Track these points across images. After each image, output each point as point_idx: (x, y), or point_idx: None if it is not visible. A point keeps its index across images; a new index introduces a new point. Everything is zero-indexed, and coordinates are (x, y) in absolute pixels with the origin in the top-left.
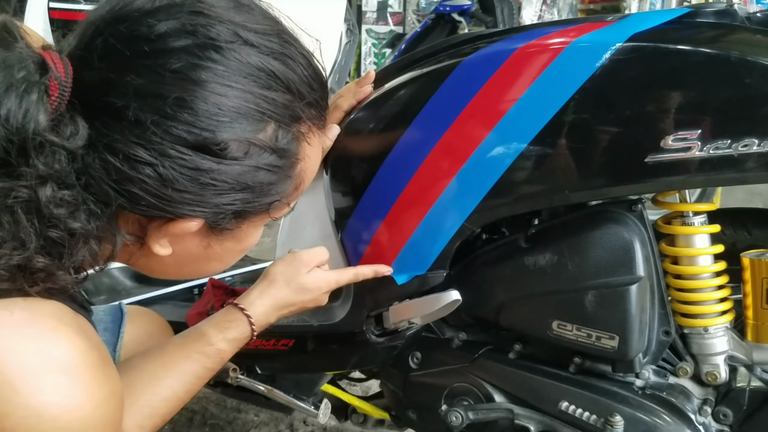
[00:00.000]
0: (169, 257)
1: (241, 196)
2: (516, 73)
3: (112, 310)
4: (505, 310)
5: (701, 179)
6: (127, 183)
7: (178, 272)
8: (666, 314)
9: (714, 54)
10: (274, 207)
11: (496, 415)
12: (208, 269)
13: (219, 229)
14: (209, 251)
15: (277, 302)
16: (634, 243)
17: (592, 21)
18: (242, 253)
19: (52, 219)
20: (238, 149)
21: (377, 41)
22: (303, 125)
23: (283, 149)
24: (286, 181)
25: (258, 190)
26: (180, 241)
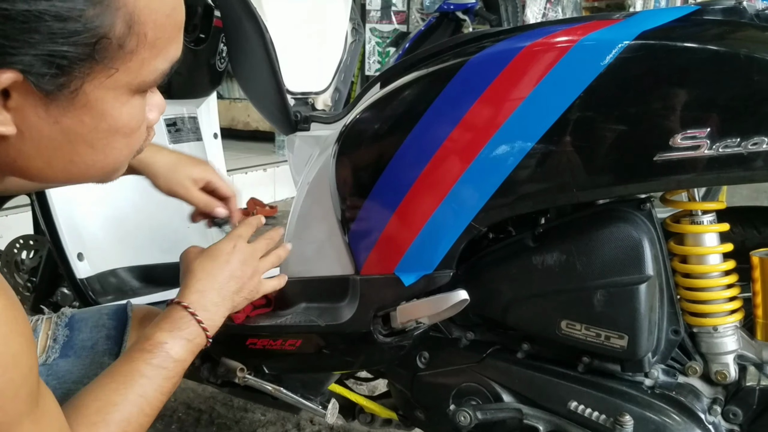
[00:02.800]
0: (23, 144)
1: (34, 26)
2: (523, 72)
3: (117, 313)
4: (512, 309)
5: (710, 178)
6: None
7: (48, 167)
8: (675, 313)
9: (722, 52)
10: (101, 50)
11: (505, 415)
12: (81, 159)
13: (50, 90)
14: (64, 129)
15: (212, 286)
16: (643, 242)
17: (599, 19)
18: (120, 136)
19: None
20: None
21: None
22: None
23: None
24: (99, 8)
25: (55, 17)
26: (22, 118)
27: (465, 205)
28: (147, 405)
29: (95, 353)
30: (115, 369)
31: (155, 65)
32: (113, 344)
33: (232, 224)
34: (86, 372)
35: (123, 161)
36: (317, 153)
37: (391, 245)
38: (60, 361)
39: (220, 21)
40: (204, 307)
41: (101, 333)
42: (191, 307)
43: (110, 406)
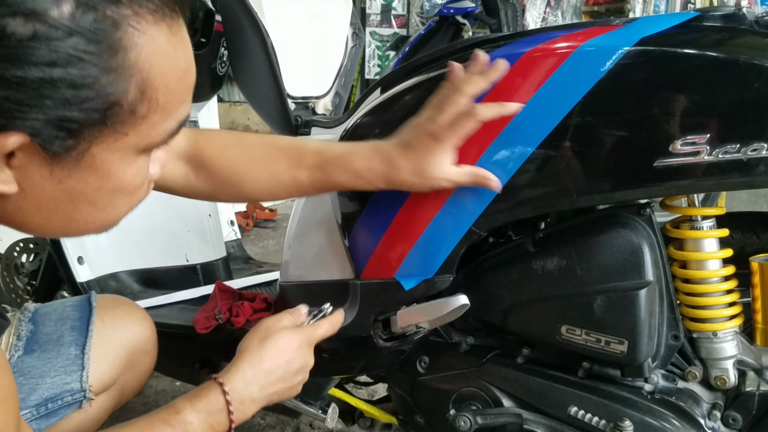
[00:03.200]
0: (24, 201)
1: (47, 93)
2: (523, 78)
3: (81, 304)
4: (512, 314)
5: (710, 183)
6: None
7: (47, 223)
8: (675, 318)
9: (722, 58)
10: (113, 116)
11: (505, 420)
12: (81, 217)
13: (57, 152)
14: (67, 189)
15: (262, 377)
16: (643, 247)
17: (599, 25)
18: (123, 195)
19: None
20: (20, 27)
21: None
22: (124, 7)
23: (90, 31)
24: (113, 75)
25: (69, 85)
26: (24, 176)
27: (465, 210)
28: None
29: (61, 345)
30: (132, 430)
31: (164, 126)
32: (78, 335)
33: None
34: (52, 365)
35: (122, 217)
36: None
37: (391, 250)
38: (25, 358)
39: (221, 25)
40: (241, 399)
41: (66, 325)
42: (229, 395)
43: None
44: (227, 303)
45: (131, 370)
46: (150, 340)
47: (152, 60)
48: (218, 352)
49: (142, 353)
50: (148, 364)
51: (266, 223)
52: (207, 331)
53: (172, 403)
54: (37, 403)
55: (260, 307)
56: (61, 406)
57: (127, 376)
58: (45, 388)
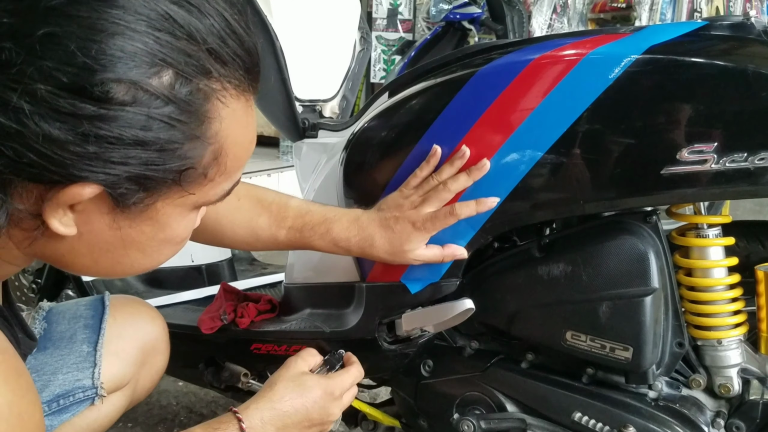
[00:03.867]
0: (78, 243)
1: (135, 153)
2: (531, 84)
3: (94, 303)
4: (518, 319)
5: (716, 192)
6: (4, 137)
7: (94, 264)
8: (680, 326)
9: (731, 67)
10: (187, 177)
11: (508, 425)
12: (129, 261)
13: (126, 203)
14: (123, 236)
15: (278, 419)
16: (649, 254)
17: (607, 33)
18: (171, 245)
19: None
20: (123, 93)
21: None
22: (214, 81)
23: (185, 101)
24: (196, 142)
25: (157, 148)
26: (85, 220)
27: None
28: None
29: (73, 343)
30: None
31: (223, 187)
32: (91, 333)
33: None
34: (64, 362)
35: (163, 263)
36: (324, 160)
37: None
38: (38, 355)
39: None
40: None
41: (79, 323)
42: (244, 424)
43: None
44: (232, 304)
45: (144, 369)
46: (162, 339)
47: (229, 130)
48: (222, 352)
49: (154, 352)
50: (161, 363)
51: None
52: (212, 332)
53: (189, 430)
54: (49, 400)
55: (265, 309)
56: (72, 403)
57: (140, 375)
58: (57, 385)
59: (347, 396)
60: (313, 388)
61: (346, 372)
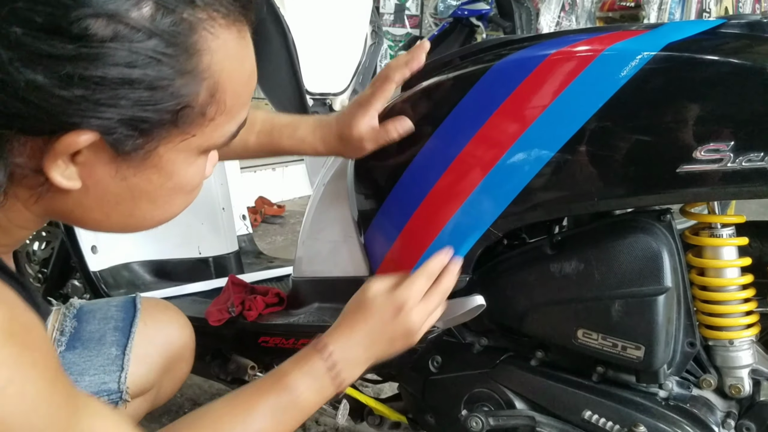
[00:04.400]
0: (85, 197)
1: (124, 92)
2: (547, 80)
3: (125, 305)
4: (528, 317)
5: (732, 191)
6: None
7: (106, 218)
8: (691, 326)
9: (748, 66)
10: (184, 117)
11: (517, 422)
12: (140, 213)
13: (125, 150)
14: (130, 186)
15: (358, 345)
16: (663, 253)
17: (623, 29)
18: (181, 194)
19: None
20: (102, 28)
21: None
22: (199, 11)
23: (169, 33)
24: (187, 78)
25: (146, 86)
26: (89, 173)
27: (484, 211)
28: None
29: (102, 345)
30: (239, 397)
31: (227, 128)
32: (121, 335)
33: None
34: (92, 363)
35: (177, 215)
36: None
37: (407, 248)
38: (66, 354)
39: None
40: (344, 361)
41: (109, 324)
42: (332, 357)
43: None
44: (240, 296)
45: (168, 375)
46: (189, 346)
47: (223, 64)
48: (229, 345)
49: (180, 359)
50: (185, 370)
51: (274, 219)
52: (219, 324)
53: (279, 366)
54: None
55: (273, 302)
56: None
57: (163, 381)
58: (83, 386)
59: (425, 303)
60: (381, 306)
61: (413, 279)
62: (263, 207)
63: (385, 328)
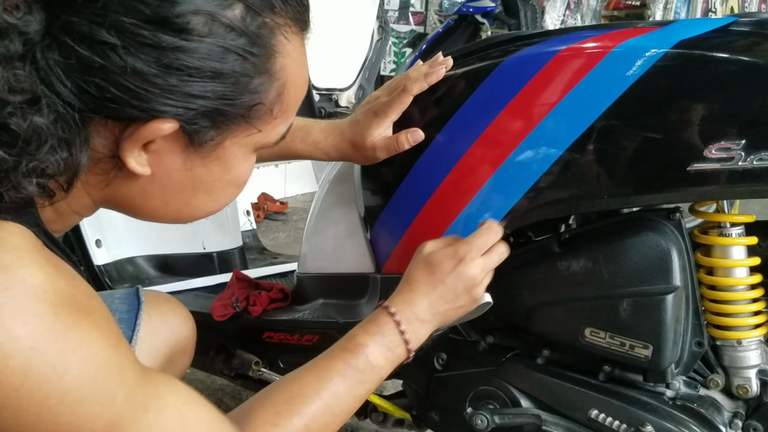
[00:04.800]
0: (151, 184)
1: (212, 86)
2: (557, 76)
3: (129, 297)
4: (535, 315)
5: (743, 190)
6: (88, 71)
7: (164, 206)
8: (699, 325)
9: (761, 64)
10: (256, 112)
11: (523, 421)
12: (196, 203)
13: (199, 141)
14: (193, 176)
15: (424, 302)
16: (672, 252)
17: (635, 26)
18: (234, 186)
19: (9, 107)
20: (201, 24)
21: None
22: (278, 16)
23: (255, 34)
24: (265, 76)
25: (231, 81)
26: (158, 161)
27: (492, 207)
28: (336, 405)
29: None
30: (313, 363)
31: (282, 128)
32: (126, 328)
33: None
34: None
35: (223, 207)
36: None
37: (414, 244)
38: None
39: None
40: (409, 320)
41: (114, 317)
42: (397, 316)
43: (299, 398)
44: (244, 292)
45: (170, 368)
46: (191, 339)
47: (292, 67)
48: (233, 340)
49: (182, 352)
50: (186, 362)
51: (277, 215)
52: (224, 319)
53: (348, 333)
54: None
55: (277, 297)
56: None
57: (166, 374)
58: None
59: (487, 256)
60: (442, 261)
61: (473, 234)
62: (266, 203)
63: (447, 281)
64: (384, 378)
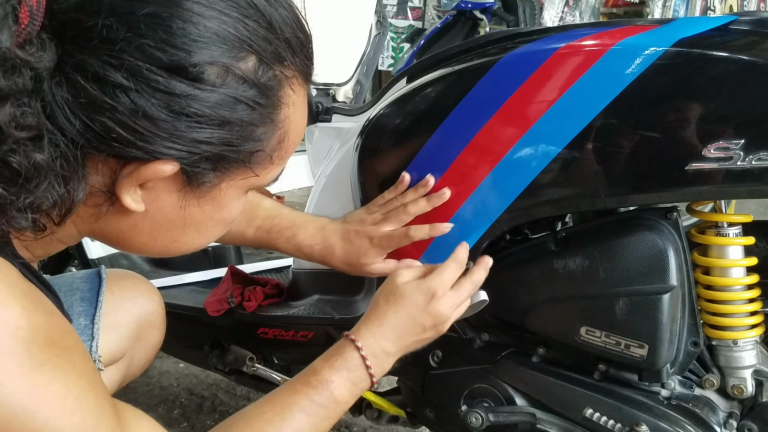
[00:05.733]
0: (143, 220)
1: (218, 134)
2: (556, 74)
3: (90, 276)
4: (531, 313)
5: (741, 189)
6: (96, 111)
7: (152, 242)
8: (695, 325)
9: (760, 63)
10: (256, 158)
11: (517, 419)
12: (184, 240)
13: (196, 181)
14: (186, 215)
15: (390, 332)
16: (669, 251)
17: (635, 24)
18: (222, 225)
19: (12, 142)
20: (215, 75)
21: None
22: (287, 69)
23: (265, 86)
24: (269, 126)
25: (237, 130)
26: (153, 198)
27: (490, 205)
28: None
29: (70, 315)
30: (275, 397)
31: (276, 172)
32: (88, 305)
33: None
34: None
35: (209, 243)
36: (338, 145)
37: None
38: None
39: None
40: (375, 354)
41: (75, 296)
42: (363, 351)
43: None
44: (239, 287)
45: (140, 343)
46: (158, 313)
47: (294, 116)
48: (228, 335)
49: (150, 326)
50: (157, 338)
51: None
52: (218, 314)
53: (310, 366)
54: None
55: (272, 293)
56: None
57: (135, 349)
58: None
59: (456, 292)
60: (412, 294)
61: (443, 267)
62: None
63: (416, 316)
64: (347, 410)
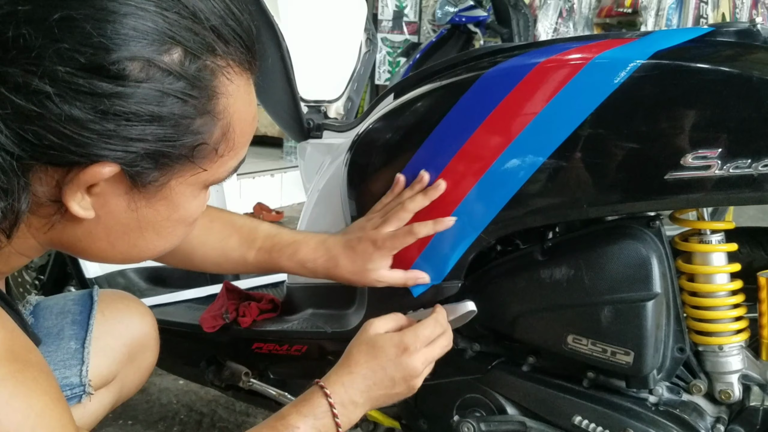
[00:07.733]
0: (96, 227)
1: (150, 129)
2: (537, 88)
3: (82, 298)
4: (519, 322)
5: (720, 197)
6: (25, 120)
7: (111, 248)
8: (681, 331)
9: (736, 74)
10: (199, 152)
11: (509, 428)
12: (144, 243)
13: (142, 182)
14: (139, 217)
15: (360, 383)
16: (652, 259)
17: (613, 37)
18: (184, 225)
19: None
20: (137, 70)
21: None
22: (219, 59)
23: (195, 77)
24: (206, 117)
25: (170, 124)
26: (103, 203)
27: (476, 217)
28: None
29: (61, 339)
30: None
31: (230, 165)
32: (79, 329)
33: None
34: (51, 359)
35: (175, 246)
36: (329, 161)
37: (400, 254)
38: None
39: None
40: (343, 403)
41: (66, 319)
42: (332, 398)
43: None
44: (234, 303)
45: (131, 366)
46: (151, 335)
47: (236, 106)
48: (224, 351)
49: (142, 348)
50: (149, 360)
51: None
52: (213, 330)
53: (280, 410)
54: None
55: (267, 308)
56: None
57: (127, 372)
58: None
59: (430, 348)
60: (385, 347)
61: (421, 324)
62: (261, 213)
63: (387, 368)
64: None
